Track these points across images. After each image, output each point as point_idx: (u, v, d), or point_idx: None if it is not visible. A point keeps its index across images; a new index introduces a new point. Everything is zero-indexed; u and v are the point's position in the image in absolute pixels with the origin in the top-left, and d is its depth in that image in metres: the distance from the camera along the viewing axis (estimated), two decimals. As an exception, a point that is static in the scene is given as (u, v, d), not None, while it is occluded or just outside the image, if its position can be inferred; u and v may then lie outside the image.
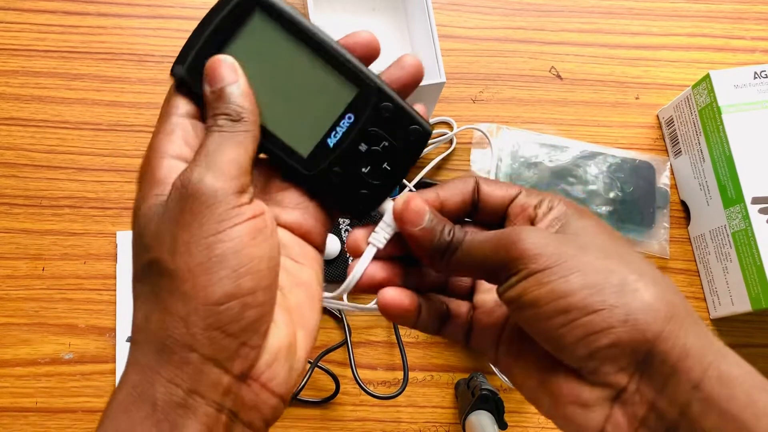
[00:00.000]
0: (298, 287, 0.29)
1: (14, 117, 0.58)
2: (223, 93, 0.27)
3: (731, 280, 0.55)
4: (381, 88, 0.29)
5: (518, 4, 0.64)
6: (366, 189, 0.29)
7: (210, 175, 0.25)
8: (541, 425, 0.55)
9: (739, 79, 0.55)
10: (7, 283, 0.55)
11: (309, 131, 0.28)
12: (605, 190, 0.59)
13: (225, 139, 0.26)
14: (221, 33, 0.28)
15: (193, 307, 0.24)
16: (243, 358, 0.25)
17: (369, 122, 0.29)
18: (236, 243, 0.25)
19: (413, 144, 0.29)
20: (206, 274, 0.24)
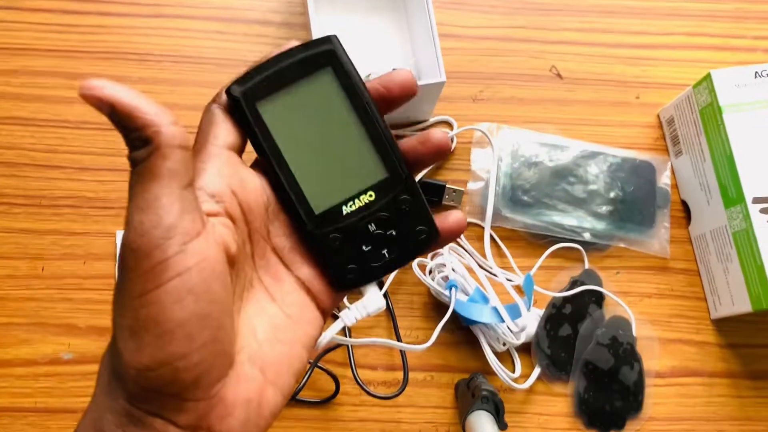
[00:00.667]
0: (281, 344, 0.28)
1: (14, 116, 0.58)
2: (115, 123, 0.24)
3: (732, 281, 0.55)
4: (408, 181, 0.29)
5: (519, 3, 0.64)
6: (357, 266, 0.29)
7: (131, 232, 0.23)
8: (541, 425, 0.55)
9: (739, 79, 0.55)
10: (7, 283, 0.55)
11: (329, 192, 0.29)
12: (606, 190, 0.59)
13: (140, 176, 0.24)
14: (291, 71, 0.28)
15: (125, 370, 0.24)
16: (188, 412, 0.24)
17: (385, 208, 0.29)
18: (158, 307, 0.23)
19: (417, 243, 0.30)
20: (133, 339, 0.23)
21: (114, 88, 0.23)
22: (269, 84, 0.28)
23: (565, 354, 0.56)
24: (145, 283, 0.23)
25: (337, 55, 0.28)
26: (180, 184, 0.24)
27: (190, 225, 0.24)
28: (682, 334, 0.58)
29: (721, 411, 0.57)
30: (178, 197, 0.24)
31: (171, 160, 0.24)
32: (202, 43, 0.60)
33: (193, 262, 0.23)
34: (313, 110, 0.28)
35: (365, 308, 0.31)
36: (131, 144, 0.24)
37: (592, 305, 0.57)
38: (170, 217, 0.23)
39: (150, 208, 0.23)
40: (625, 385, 0.55)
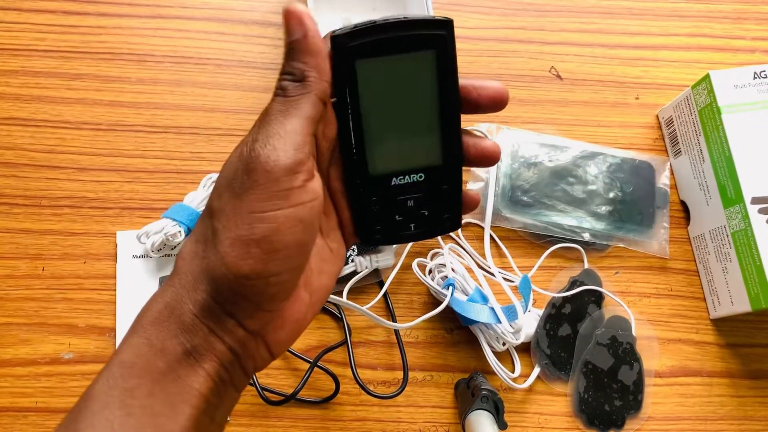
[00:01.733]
0: (323, 275, 0.31)
1: (14, 117, 0.58)
2: (288, 48, 0.27)
3: (731, 280, 0.55)
4: (455, 173, 0.32)
5: (518, 4, 0.64)
6: (386, 229, 0.32)
7: (266, 150, 0.26)
8: (541, 425, 0.55)
9: (739, 80, 0.55)
10: (7, 283, 0.55)
11: (387, 160, 0.31)
12: (605, 190, 0.59)
13: (286, 106, 0.27)
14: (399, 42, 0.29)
15: (222, 273, 0.26)
16: (257, 319, 0.28)
17: (428, 191, 0.32)
18: (275, 227, 0.26)
19: (439, 227, 0.33)
20: (242, 247, 0.26)
21: (314, 24, 0.27)
22: (374, 46, 0.29)
23: (564, 354, 0.56)
24: (268, 202, 0.26)
25: (446, 42, 0.30)
26: (313, 130, 0.28)
27: (311, 166, 0.27)
28: (682, 334, 0.58)
29: (720, 410, 0.57)
30: (310, 140, 0.27)
31: (315, 108, 0.27)
32: (202, 43, 0.60)
33: (308, 198, 0.27)
34: (402, 83, 0.30)
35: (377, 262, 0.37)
36: (289, 71, 0.27)
37: (592, 305, 0.57)
38: (301, 154, 0.27)
39: (289, 138, 0.26)
40: (625, 384, 0.55)
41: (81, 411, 0.26)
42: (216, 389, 0.28)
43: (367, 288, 0.56)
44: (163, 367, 0.27)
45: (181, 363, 0.27)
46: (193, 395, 0.27)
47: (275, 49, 0.61)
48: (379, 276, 0.56)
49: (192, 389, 0.27)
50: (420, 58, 0.30)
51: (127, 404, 0.26)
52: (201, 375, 0.27)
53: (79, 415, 0.26)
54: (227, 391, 0.29)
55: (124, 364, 0.27)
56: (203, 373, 0.27)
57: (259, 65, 0.60)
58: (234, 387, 0.29)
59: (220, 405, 0.29)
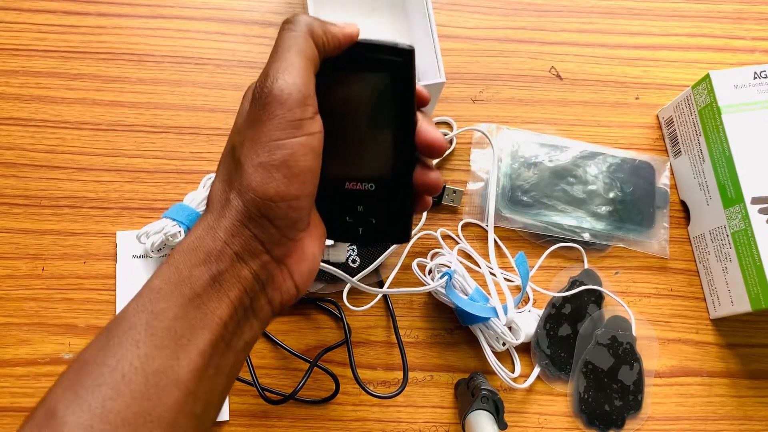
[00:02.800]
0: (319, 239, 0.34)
1: (14, 117, 0.58)
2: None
3: (731, 280, 0.55)
4: (406, 191, 0.34)
5: (518, 4, 0.64)
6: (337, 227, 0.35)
7: (279, 82, 0.29)
8: (541, 425, 0.55)
9: (739, 80, 0.55)
10: (7, 283, 0.55)
11: (342, 165, 0.34)
12: (605, 190, 0.59)
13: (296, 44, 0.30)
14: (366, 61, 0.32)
15: (251, 197, 0.29)
16: (282, 246, 0.31)
17: (377, 200, 0.34)
18: (292, 153, 0.29)
19: (386, 237, 0.36)
20: (265, 172, 0.29)
21: None
22: (337, 61, 0.32)
23: (564, 354, 0.56)
24: (285, 131, 0.29)
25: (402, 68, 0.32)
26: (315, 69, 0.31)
27: (315, 102, 0.30)
28: (682, 334, 0.58)
29: (720, 410, 0.57)
30: (313, 77, 0.30)
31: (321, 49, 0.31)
32: (202, 44, 0.60)
33: (317, 129, 0.30)
34: (361, 99, 0.33)
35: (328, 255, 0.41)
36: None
37: (592, 305, 0.57)
38: (309, 88, 0.30)
39: (300, 73, 0.29)
40: (625, 384, 0.55)
41: (111, 330, 0.29)
42: (236, 316, 0.30)
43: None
44: (189, 293, 0.29)
45: (206, 290, 0.29)
46: (213, 321, 0.29)
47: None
48: (379, 276, 0.56)
49: (213, 315, 0.29)
50: (377, 79, 0.32)
51: (152, 325, 0.28)
52: (224, 302, 0.29)
53: (109, 334, 0.29)
54: (248, 320, 0.31)
55: (153, 290, 0.29)
56: (227, 300, 0.29)
57: (259, 65, 0.60)
58: (256, 317, 0.31)
59: (239, 332, 0.31)
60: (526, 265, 0.53)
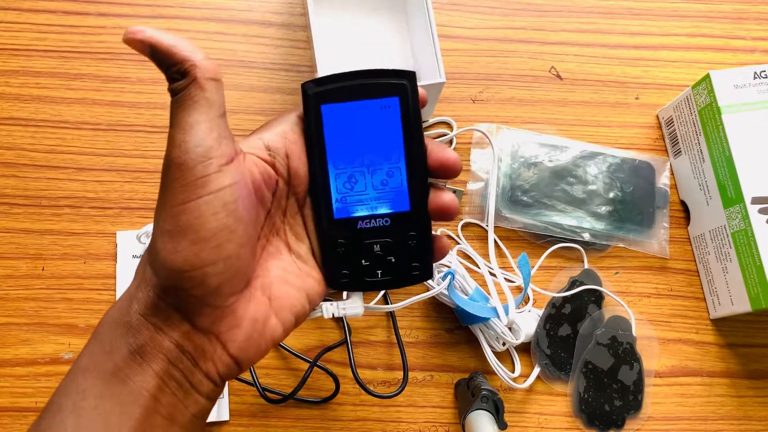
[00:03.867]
0: (289, 286, 0.31)
1: (14, 117, 0.58)
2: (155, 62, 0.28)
3: (731, 280, 0.55)
4: (423, 220, 0.32)
5: (518, 4, 0.64)
6: (352, 274, 0.32)
7: (175, 149, 0.27)
8: (541, 425, 0.55)
9: (739, 80, 0.55)
10: (7, 283, 0.55)
11: (353, 204, 0.32)
12: (605, 190, 0.59)
13: (180, 103, 0.28)
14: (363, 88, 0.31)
15: (161, 270, 0.27)
16: (205, 315, 0.28)
17: (394, 236, 0.32)
18: (198, 215, 0.27)
19: (409, 277, 0.33)
20: (171, 241, 0.27)
21: (153, 31, 0.27)
22: (340, 92, 0.31)
23: (564, 354, 0.56)
24: (187, 193, 0.27)
25: (407, 91, 0.31)
26: (216, 112, 0.28)
27: (226, 149, 0.28)
28: (682, 334, 0.58)
29: (720, 410, 0.57)
30: (216, 123, 0.28)
31: (207, 90, 0.28)
32: (202, 44, 0.60)
33: (228, 182, 0.27)
34: (367, 128, 0.31)
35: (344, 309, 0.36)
36: (171, 77, 0.28)
37: (592, 305, 0.57)
38: (210, 140, 0.27)
39: (192, 130, 0.27)
40: (625, 384, 0.55)
41: (43, 416, 0.28)
42: (167, 389, 0.28)
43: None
44: (111, 367, 0.27)
45: (128, 363, 0.27)
46: (141, 395, 0.27)
47: (275, 49, 0.61)
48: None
49: (140, 389, 0.27)
50: (383, 105, 0.31)
51: (78, 406, 0.27)
52: (148, 374, 0.28)
53: (40, 420, 0.28)
54: (188, 394, 0.29)
55: (79, 368, 0.28)
56: (151, 372, 0.28)
57: (259, 65, 0.60)
58: (197, 391, 0.29)
59: (180, 406, 0.29)
60: (528, 267, 0.53)
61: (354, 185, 0.32)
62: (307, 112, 0.31)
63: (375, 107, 0.31)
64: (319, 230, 0.32)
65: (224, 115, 0.28)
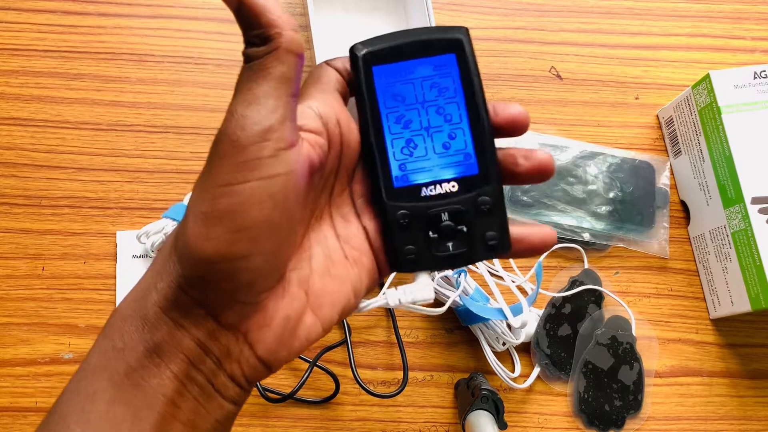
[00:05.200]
0: (332, 279, 0.28)
1: (14, 117, 0.58)
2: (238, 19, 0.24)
3: (731, 280, 0.55)
4: (496, 184, 0.29)
5: (518, 4, 0.64)
6: (418, 250, 0.29)
7: (231, 122, 0.24)
8: (541, 425, 0.55)
9: (739, 79, 0.55)
10: (7, 283, 0.55)
11: (415, 170, 0.29)
12: (605, 190, 0.59)
13: (253, 71, 0.24)
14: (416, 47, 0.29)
15: (187, 257, 0.24)
16: (232, 311, 0.25)
17: (465, 202, 0.28)
18: (241, 201, 0.23)
19: (484, 248, 0.29)
20: (205, 226, 0.24)
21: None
22: (391, 52, 0.28)
23: (564, 354, 0.56)
24: (233, 174, 0.23)
25: (464, 45, 0.29)
26: (288, 90, 0.25)
27: (288, 133, 0.24)
28: (682, 334, 0.58)
29: (719, 410, 0.57)
30: (284, 103, 0.24)
31: (286, 64, 0.24)
32: (202, 43, 0.60)
33: (282, 171, 0.24)
34: (425, 88, 0.29)
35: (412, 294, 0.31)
36: (249, 40, 0.24)
37: (592, 305, 0.57)
38: (273, 119, 0.24)
39: (256, 104, 0.24)
40: (625, 384, 0.55)
41: (47, 421, 0.25)
42: (188, 393, 0.25)
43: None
44: (124, 368, 0.24)
45: (143, 363, 0.25)
46: (157, 400, 0.24)
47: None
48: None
49: (156, 393, 0.24)
50: (439, 63, 0.29)
51: (87, 411, 0.24)
52: (166, 376, 0.25)
53: (44, 425, 0.25)
54: (210, 398, 0.26)
55: (88, 368, 0.25)
56: (169, 374, 0.25)
57: (259, 65, 0.60)
58: (221, 395, 0.26)
59: (202, 411, 0.26)
60: (540, 277, 0.53)
61: (414, 150, 0.29)
62: (357, 75, 0.28)
63: (430, 65, 0.29)
64: (377, 204, 0.29)
65: (296, 96, 0.25)
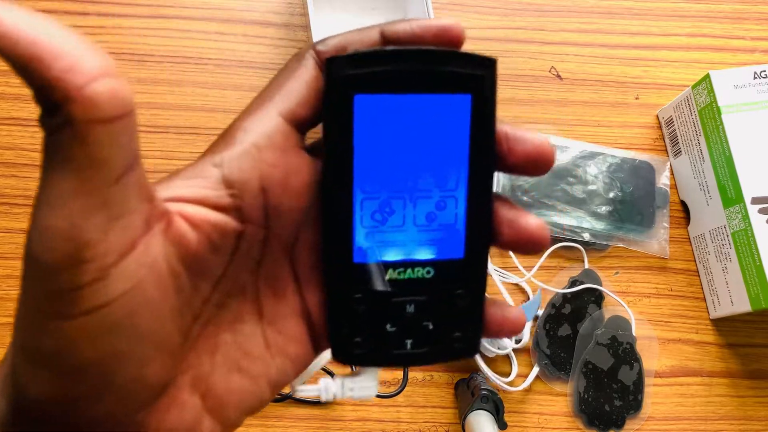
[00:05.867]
0: (240, 375, 0.22)
1: (14, 117, 0.58)
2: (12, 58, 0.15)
3: (731, 280, 0.55)
4: (479, 277, 0.23)
5: (518, 4, 0.64)
6: (370, 343, 0.23)
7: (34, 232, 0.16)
8: (541, 425, 0.55)
9: (739, 79, 0.55)
10: (7, 283, 0.55)
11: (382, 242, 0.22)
12: (605, 190, 0.59)
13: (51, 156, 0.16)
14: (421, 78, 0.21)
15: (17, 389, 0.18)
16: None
17: (436, 294, 0.23)
18: (63, 343, 0.17)
19: (447, 351, 0.23)
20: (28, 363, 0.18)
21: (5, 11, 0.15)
22: (385, 79, 0.21)
23: (564, 354, 0.56)
24: (49, 306, 0.17)
25: (486, 85, 0.22)
26: (108, 177, 0.16)
27: (119, 238, 0.17)
28: (682, 334, 0.58)
29: (720, 410, 0.57)
30: (104, 199, 0.16)
31: (92, 143, 0.15)
32: (202, 44, 0.60)
33: (116, 293, 0.17)
34: (419, 136, 0.21)
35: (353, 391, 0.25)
36: (39, 102, 0.16)
37: (592, 305, 0.57)
38: (88, 229, 0.16)
39: (61, 207, 0.16)
40: (625, 384, 0.55)
41: None
42: None
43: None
44: None
45: None
46: None
47: (275, 49, 0.61)
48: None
49: None
50: (447, 104, 0.21)
51: None
52: None
53: None
54: None
55: None
56: None
57: (259, 65, 0.60)
58: None
59: None
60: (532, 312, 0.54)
61: (388, 217, 0.22)
62: (332, 102, 0.21)
63: (435, 106, 0.21)
64: (328, 277, 0.23)
65: (129, 173, 0.17)
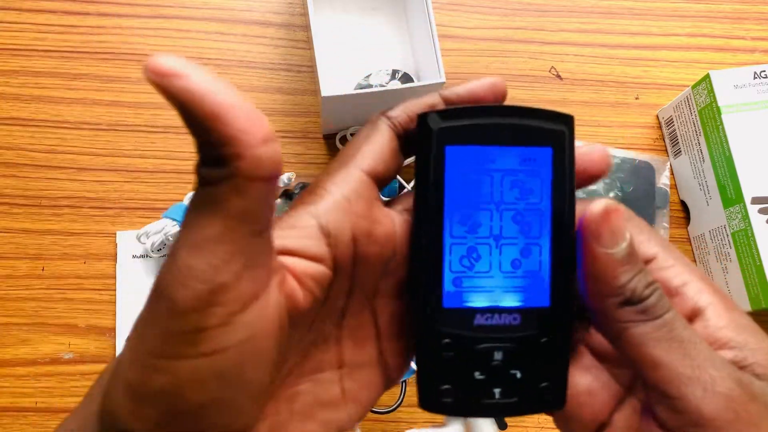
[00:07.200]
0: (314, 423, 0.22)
1: (14, 117, 0.58)
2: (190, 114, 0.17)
3: (731, 280, 0.55)
4: (566, 326, 0.23)
5: (518, 4, 0.64)
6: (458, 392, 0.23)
7: (169, 273, 0.17)
8: (541, 425, 0.55)
9: (739, 80, 0.55)
10: (7, 283, 0.55)
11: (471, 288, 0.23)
12: (605, 190, 0.59)
13: (203, 204, 0.17)
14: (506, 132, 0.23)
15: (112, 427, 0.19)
16: None
17: (523, 342, 0.23)
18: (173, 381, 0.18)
19: (535, 401, 0.23)
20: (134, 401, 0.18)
21: (192, 77, 0.17)
22: (474, 131, 0.22)
23: (564, 354, 0.56)
24: (168, 345, 0.18)
25: (565, 139, 0.23)
26: (252, 229, 0.18)
27: (249, 287, 0.18)
28: (682, 334, 0.58)
29: (720, 411, 0.57)
30: (244, 248, 0.18)
31: (248, 197, 0.17)
32: (202, 44, 0.60)
33: (235, 341, 0.18)
34: (504, 185, 0.23)
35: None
36: (202, 154, 0.17)
37: (592, 305, 0.57)
38: (224, 275, 0.17)
39: (205, 251, 0.17)
40: (625, 384, 0.55)
41: None
42: None
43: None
44: None
45: None
46: None
47: (275, 49, 0.61)
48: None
49: None
50: (531, 155, 0.23)
51: None
52: None
53: None
54: None
55: None
56: None
57: (259, 65, 0.60)
58: None
59: None
60: None
61: (475, 263, 0.23)
62: (424, 153, 0.22)
63: (518, 157, 0.23)
64: (418, 324, 0.23)
65: (267, 229, 0.18)
